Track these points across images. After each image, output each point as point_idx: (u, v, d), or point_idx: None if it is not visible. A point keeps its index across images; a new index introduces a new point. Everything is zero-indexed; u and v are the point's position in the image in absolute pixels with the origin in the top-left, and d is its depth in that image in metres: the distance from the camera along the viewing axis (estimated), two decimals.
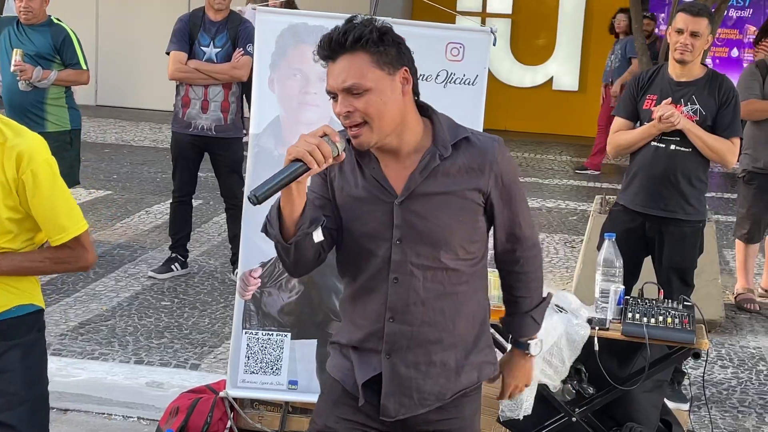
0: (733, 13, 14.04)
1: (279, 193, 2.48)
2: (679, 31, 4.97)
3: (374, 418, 2.76)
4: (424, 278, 2.67)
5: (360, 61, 2.53)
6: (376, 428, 2.78)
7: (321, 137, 2.45)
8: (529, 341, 2.94)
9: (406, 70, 2.59)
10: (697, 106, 4.97)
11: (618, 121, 5.17)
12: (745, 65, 11.94)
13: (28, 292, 3.22)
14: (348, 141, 2.59)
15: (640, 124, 5.08)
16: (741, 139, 5.11)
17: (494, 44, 4.42)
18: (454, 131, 2.69)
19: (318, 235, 2.58)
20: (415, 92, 2.66)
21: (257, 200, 2.40)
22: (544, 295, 2.96)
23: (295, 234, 2.54)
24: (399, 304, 2.68)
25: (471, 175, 2.66)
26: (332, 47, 2.54)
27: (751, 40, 12.58)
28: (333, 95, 2.57)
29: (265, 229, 2.59)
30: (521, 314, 2.93)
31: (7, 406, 3.14)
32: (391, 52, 2.56)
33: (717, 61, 13.98)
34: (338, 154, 2.49)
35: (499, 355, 4.41)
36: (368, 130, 2.56)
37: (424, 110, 2.70)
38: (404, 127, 2.62)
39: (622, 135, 5.13)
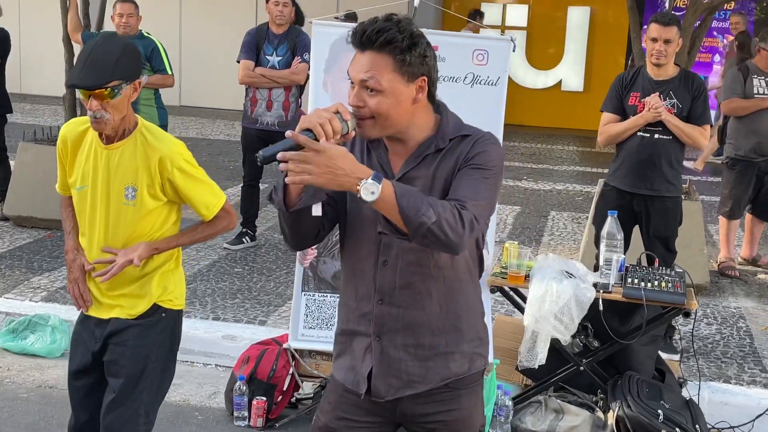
0: (715, 23, 13.76)
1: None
2: (654, 40, 4.91)
3: (373, 413, 2.46)
4: (411, 261, 2.33)
5: (383, 63, 2.24)
6: (376, 424, 2.47)
7: (334, 113, 2.17)
8: (376, 182, 2.09)
9: (423, 80, 2.29)
10: (675, 100, 4.96)
11: (606, 116, 5.13)
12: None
13: (167, 299, 3.19)
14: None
15: (625, 118, 5.01)
16: (711, 126, 5.05)
17: (513, 51, 4.35)
18: (458, 128, 2.37)
19: (317, 210, 2.28)
20: (431, 97, 2.35)
21: (263, 159, 2.13)
22: (426, 218, 2.13)
23: (297, 204, 2.26)
24: (387, 286, 2.37)
25: (456, 163, 2.32)
26: (362, 41, 2.26)
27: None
28: (352, 82, 2.30)
29: (270, 196, 2.31)
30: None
31: (115, 372, 3.13)
32: (416, 61, 2.26)
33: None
34: (347, 132, 2.21)
35: (519, 315, 4.37)
36: (372, 125, 2.27)
37: (438, 108, 2.40)
38: (409, 125, 2.32)
39: (612, 127, 5.07)
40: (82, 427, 3.24)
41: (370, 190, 2.09)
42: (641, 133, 4.97)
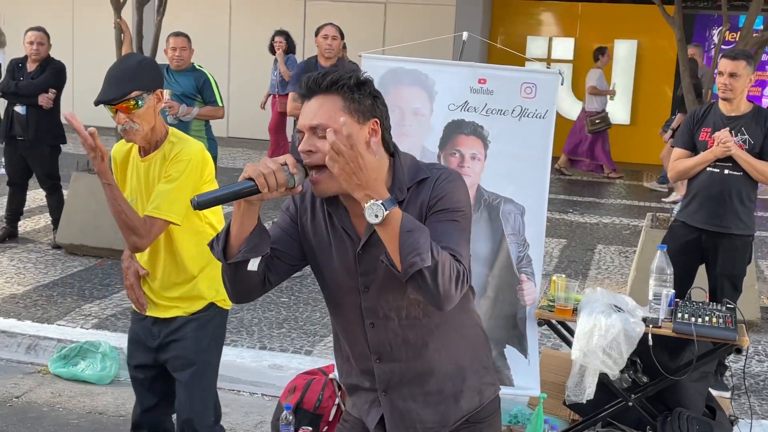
0: (764, 57, 13.60)
1: None
2: (721, 74, 4.88)
3: None
4: (398, 318, 2.29)
5: (331, 104, 2.15)
6: None
7: (282, 165, 2.09)
8: (384, 207, 2.02)
9: (375, 122, 2.20)
10: (746, 136, 4.90)
11: (677, 151, 5.10)
12: None
13: (221, 299, 3.41)
14: (307, 175, 2.17)
15: (696, 154, 4.98)
16: None
17: (562, 84, 4.35)
18: (414, 173, 2.25)
19: (253, 264, 2.19)
20: (386, 144, 2.25)
21: (197, 205, 2.06)
22: (424, 259, 2.04)
23: (236, 256, 2.18)
24: (381, 346, 2.33)
25: (422, 211, 2.21)
26: (309, 86, 2.19)
27: None
28: (301, 133, 2.20)
29: (211, 244, 2.24)
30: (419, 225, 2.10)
31: (181, 366, 3.32)
32: (366, 102, 2.18)
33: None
34: (294, 186, 2.12)
35: (565, 349, 4.33)
36: (328, 177, 2.13)
37: (391, 151, 2.29)
38: None
39: (682, 162, 5.04)
40: (148, 411, 3.42)
41: (374, 212, 2.02)
42: (711, 169, 4.92)
